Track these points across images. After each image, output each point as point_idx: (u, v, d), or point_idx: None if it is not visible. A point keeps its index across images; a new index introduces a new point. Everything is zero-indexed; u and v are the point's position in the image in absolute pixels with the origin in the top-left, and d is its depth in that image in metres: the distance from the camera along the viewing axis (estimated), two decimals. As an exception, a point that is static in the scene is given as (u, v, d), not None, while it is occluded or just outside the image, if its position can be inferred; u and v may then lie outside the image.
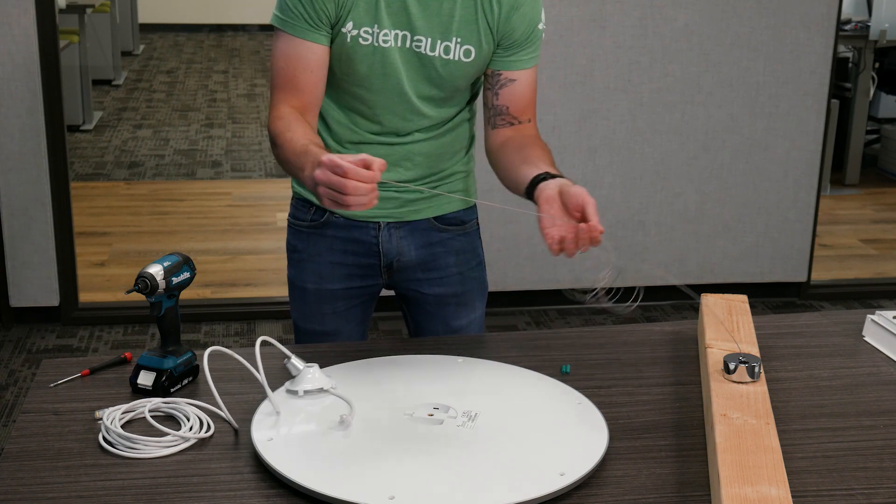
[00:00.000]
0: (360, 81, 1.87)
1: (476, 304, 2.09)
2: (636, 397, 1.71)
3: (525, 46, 1.88)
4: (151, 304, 1.69)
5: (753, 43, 4.08)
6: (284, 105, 1.83)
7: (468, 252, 2.07)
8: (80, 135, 6.92)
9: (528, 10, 1.86)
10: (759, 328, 1.91)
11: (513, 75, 1.90)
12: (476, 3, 1.83)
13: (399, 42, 1.83)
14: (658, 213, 4.22)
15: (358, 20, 1.81)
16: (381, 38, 1.83)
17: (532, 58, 1.91)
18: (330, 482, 1.39)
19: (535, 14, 1.87)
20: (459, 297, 2.06)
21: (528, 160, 1.82)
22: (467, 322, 2.07)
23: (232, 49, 10.63)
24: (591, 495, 1.42)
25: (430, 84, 1.88)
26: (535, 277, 4.21)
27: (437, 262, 2.04)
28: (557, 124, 4.04)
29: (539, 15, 1.88)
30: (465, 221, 2.06)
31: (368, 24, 1.81)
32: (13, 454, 1.50)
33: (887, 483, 1.47)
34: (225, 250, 4.88)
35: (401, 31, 1.82)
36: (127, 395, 1.68)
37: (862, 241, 5.22)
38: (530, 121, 1.94)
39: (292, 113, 1.81)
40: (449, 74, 1.87)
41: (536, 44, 1.90)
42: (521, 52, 1.88)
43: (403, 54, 1.85)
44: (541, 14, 1.88)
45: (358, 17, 1.81)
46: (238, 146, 6.87)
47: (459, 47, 1.84)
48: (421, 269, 2.04)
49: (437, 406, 1.61)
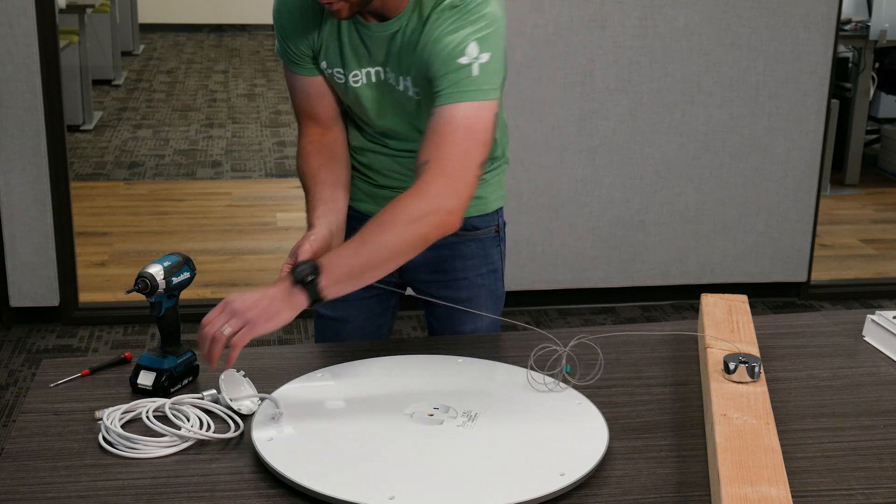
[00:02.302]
0: (353, 108, 1.94)
1: (484, 311, 2.07)
2: (636, 397, 1.71)
3: (441, 79, 1.71)
4: (151, 304, 1.69)
5: (753, 43, 4.08)
6: (305, 136, 1.94)
7: (478, 258, 2.05)
8: (80, 135, 6.92)
9: (447, 45, 1.70)
10: (759, 328, 1.91)
11: (433, 109, 1.72)
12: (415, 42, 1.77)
13: (373, 78, 1.85)
14: (658, 213, 4.22)
15: (329, 61, 1.86)
16: (351, 79, 1.86)
17: (449, 93, 1.70)
18: (330, 482, 1.39)
19: (453, 48, 1.70)
20: (465, 303, 2.04)
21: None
22: (472, 329, 2.05)
23: (232, 49, 10.63)
24: (591, 495, 1.42)
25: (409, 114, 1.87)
26: (535, 277, 4.21)
27: (444, 265, 2.04)
28: (557, 124, 4.04)
29: (462, 48, 1.69)
30: (479, 228, 2.04)
31: (339, 65, 1.85)
32: (13, 454, 1.50)
33: (887, 483, 1.47)
34: (225, 250, 4.88)
35: (372, 67, 1.84)
36: (127, 395, 1.68)
37: (862, 241, 5.22)
38: (426, 163, 1.68)
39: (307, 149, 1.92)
40: (418, 108, 1.85)
41: (454, 78, 1.70)
42: (438, 84, 1.71)
43: (378, 89, 1.86)
44: (467, 49, 1.69)
45: (329, 58, 1.86)
46: (238, 146, 6.87)
47: (411, 87, 1.82)
48: (428, 270, 2.04)
49: (437, 406, 1.61)
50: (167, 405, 1.59)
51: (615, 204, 4.18)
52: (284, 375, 1.70)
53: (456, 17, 1.72)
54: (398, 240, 1.65)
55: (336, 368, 1.74)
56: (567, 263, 4.20)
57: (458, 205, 1.68)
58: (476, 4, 1.72)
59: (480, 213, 2.03)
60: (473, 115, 1.70)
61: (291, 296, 1.60)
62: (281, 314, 1.59)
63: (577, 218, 4.16)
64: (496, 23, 1.73)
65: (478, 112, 1.70)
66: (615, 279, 4.27)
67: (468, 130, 1.69)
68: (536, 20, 3.92)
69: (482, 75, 1.70)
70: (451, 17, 1.72)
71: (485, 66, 1.70)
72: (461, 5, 1.72)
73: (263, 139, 7.04)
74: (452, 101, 1.69)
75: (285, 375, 1.70)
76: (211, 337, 1.57)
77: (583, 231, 4.18)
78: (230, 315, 1.58)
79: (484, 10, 1.72)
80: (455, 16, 1.72)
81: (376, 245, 1.64)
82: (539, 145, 4.05)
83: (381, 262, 1.66)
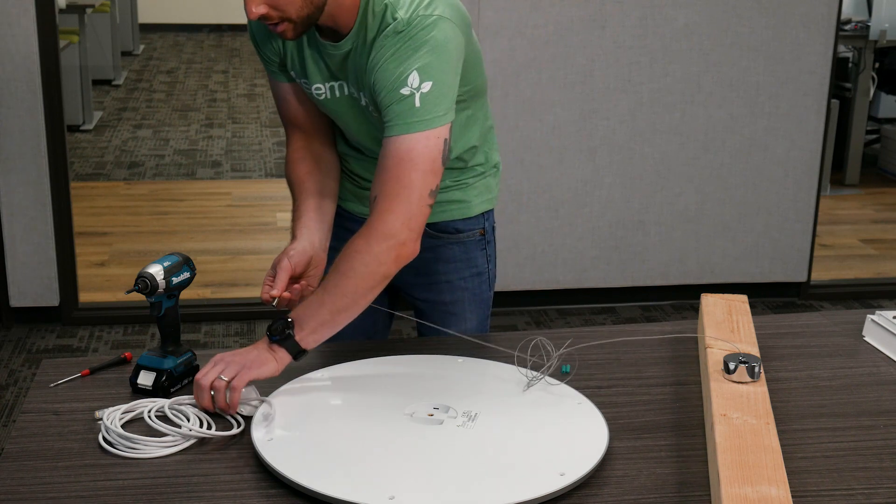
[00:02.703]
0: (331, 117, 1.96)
1: (467, 314, 2.07)
2: (636, 397, 1.71)
3: (385, 111, 1.70)
4: (151, 304, 1.69)
5: (753, 43, 4.08)
6: (292, 144, 1.97)
7: (461, 261, 2.05)
8: (80, 135, 6.92)
9: (387, 74, 1.69)
10: (759, 328, 1.91)
11: (383, 139, 1.73)
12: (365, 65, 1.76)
13: (336, 92, 1.85)
14: (658, 213, 4.22)
15: (296, 72, 1.88)
16: (314, 91, 1.87)
17: (392, 125, 1.69)
18: (330, 482, 1.39)
19: (394, 78, 1.69)
20: (448, 306, 2.05)
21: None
22: (457, 332, 2.06)
23: (232, 49, 10.62)
24: (591, 495, 1.42)
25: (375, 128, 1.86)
26: (535, 277, 4.21)
27: (427, 268, 2.03)
28: (557, 124, 4.04)
29: (403, 80, 1.68)
30: (462, 231, 2.03)
31: (304, 77, 1.87)
32: (13, 454, 1.50)
33: (887, 483, 1.47)
34: (225, 250, 4.88)
35: (335, 82, 1.84)
36: (127, 395, 1.68)
37: (862, 241, 5.22)
38: (375, 199, 1.70)
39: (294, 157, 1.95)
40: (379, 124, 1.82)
41: (396, 109, 1.69)
42: (384, 115, 1.71)
43: (342, 103, 1.87)
44: (408, 78, 1.68)
45: (295, 69, 1.88)
46: (238, 146, 6.87)
47: (370, 105, 1.82)
48: (411, 273, 2.04)
49: (437, 406, 1.62)
50: (167, 405, 1.59)
51: (615, 204, 4.18)
52: (284, 376, 1.70)
53: (398, 45, 1.70)
54: (360, 283, 1.68)
55: (335, 369, 1.74)
56: (567, 263, 4.20)
57: (410, 235, 1.70)
58: (420, 30, 1.69)
59: (464, 217, 2.02)
60: (418, 146, 1.69)
61: (273, 351, 1.66)
62: (268, 364, 1.64)
63: (577, 218, 4.16)
64: (441, 48, 1.70)
65: (423, 143, 1.70)
66: (615, 279, 4.27)
67: (412, 163, 1.69)
68: (536, 20, 3.92)
69: (423, 106, 1.69)
70: (394, 44, 1.70)
71: (426, 95, 1.68)
72: (405, 31, 1.70)
73: (263, 139, 7.04)
74: (397, 134, 1.70)
75: (285, 376, 1.70)
76: (209, 386, 1.60)
77: (583, 231, 4.18)
78: (223, 366, 1.61)
79: (427, 36, 1.69)
80: (398, 43, 1.70)
81: (340, 292, 1.68)
82: (539, 145, 4.05)
83: (348, 306, 1.69)
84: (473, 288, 2.07)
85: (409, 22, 1.69)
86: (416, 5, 1.71)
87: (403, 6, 1.71)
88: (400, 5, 1.71)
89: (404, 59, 1.69)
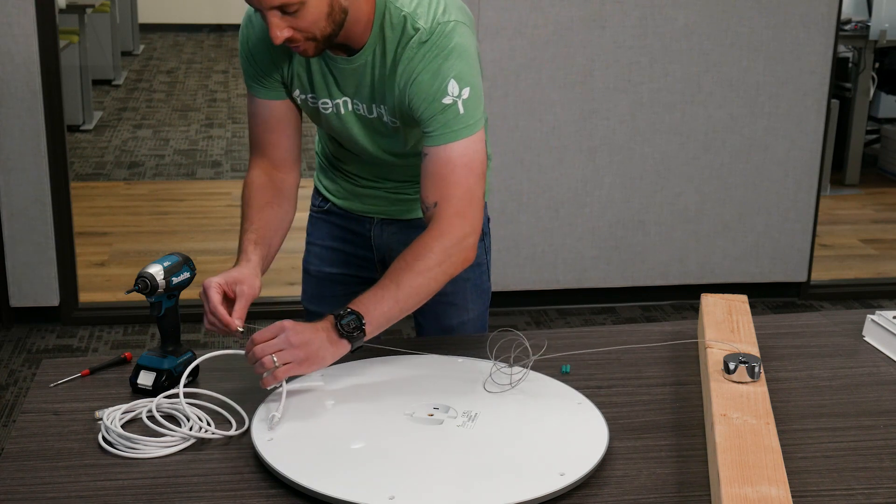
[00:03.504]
0: (327, 131, 1.96)
1: (469, 305, 2.09)
2: (636, 397, 1.71)
3: (429, 121, 1.74)
4: (151, 304, 1.69)
5: (753, 43, 4.08)
6: (255, 168, 1.93)
7: None
8: (80, 135, 6.92)
9: (424, 87, 1.73)
10: (759, 328, 1.91)
11: (425, 149, 1.77)
12: (385, 77, 1.78)
13: (341, 109, 1.85)
14: (658, 213, 4.22)
15: (302, 89, 1.86)
16: (321, 105, 1.86)
17: (440, 134, 1.74)
18: (330, 482, 1.39)
19: (433, 89, 1.72)
20: (449, 297, 2.05)
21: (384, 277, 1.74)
22: (459, 323, 2.07)
23: (232, 49, 10.62)
24: (591, 495, 1.42)
25: (383, 137, 1.89)
26: (535, 277, 4.21)
27: None
28: (557, 124, 4.04)
29: (442, 89, 1.72)
30: None
31: (310, 91, 1.86)
32: (13, 454, 1.50)
33: (887, 483, 1.47)
34: (225, 250, 4.88)
35: (339, 98, 1.84)
36: (127, 395, 1.68)
37: (862, 241, 5.22)
38: (436, 205, 1.75)
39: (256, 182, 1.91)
40: (395, 133, 1.87)
41: (442, 119, 1.73)
42: (426, 126, 1.75)
43: (348, 119, 1.87)
44: (447, 87, 1.72)
45: (301, 86, 1.86)
46: (238, 146, 6.87)
47: (387, 116, 1.83)
48: None
49: (437, 406, 1.62)
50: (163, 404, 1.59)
51: (615, 204, 4.18)
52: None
53: (428, 55, 1.72)
54: (431, 283, 1.73)
55: (335, 369, 1.74)
56: (567, 263, 4.20)
57: (475, 240, 1.77)
58: (442, 38, 1.72)
59: None
60: (468, 151, 1.75)
61: (337, 345, 1.64)
62: (325, 361, 1.64)
63: (576, 218, 4.16)
64: (466, 52, 1.74)
65: (471, 147, 1.76)
66: (615, 279, 4.27)
67: (466, 168, 1.75)
68: (536, 20, 3.92)
69: (467, 111, 1.74)
70: (423, 54, 1.72)
71: (467, 101, 1.74)
72: (429, 40, 1.72)
73: (263, 139, 7.04)
74: (446, 142, 1.74)
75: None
76: (260, 359, 1.59)
77: (583, 231, 4.18)
78: (284, 345, 1.59)
79: (452, 43, 1.72)
80: (427, 53, 1.72)
81: (414, 291, 1.71)
82: (539, 145, 4.05)
83: (414, 305, 1.73)
84: (474, 278, 2.08)
85: (431, 31, 1.72)
86: (434, 13, 1.74)
87: (422, 16, 1.73)
88: (418, 15, 1.73)
89: (438, 69, 1.72)
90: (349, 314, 1.65)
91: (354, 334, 1.64)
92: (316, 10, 1.65)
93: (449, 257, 1.73)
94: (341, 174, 2.04)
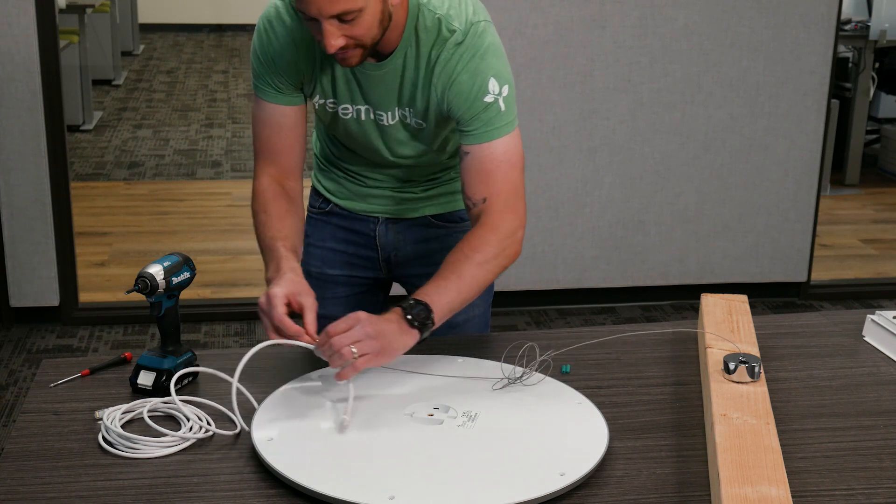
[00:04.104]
0: (343, 137, 1.95)
1: (475, 301, 2.09)
2: (636, 397, 1.71)
3: (470, 121, 1.77)
4: (151, 304, 1.69)
5: (753, 43, 4.08)
6: (265, 176, 1.90)
7: None
8: (80, 135, 6.92)
9: (465, 87, 1.75)
10: (759, 328, 1.91)
11: (466, 148, 1.80)
12: (418, 80, 1.79)
13: (363, 115, 1.86)
14: (658, 213, 4.22)
15: (322, 93, 1.86)
16: (340, 110, 1.86)
17: (484, 132, 1.78)
18: (330, 482, 1.39)
19: (474, 90, 1.75)
20: None
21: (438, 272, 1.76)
22: (464, 319, 2.07)
23: (232, 49, 10.62)
24: (591, 495, 1.42)
25: (401, 144, 1.90)
26: (535, 277, 4.21)
27: (433, 258, 2.06)
28: (557, 124, 4.04)
29: (483, 89, 1.75)
30: (465, 219, 2.07)
31: (332, 96, 1.86)
32: (13, 454, 1.50)
33: (887, 483, 1.47)
34: (225, 250, 4.88)
35: (361, 105, 1.85)
36: (127, 395, 1.68)
37: (862, 241, 5.22)
38: (485, 201, 1.79)
39: (270, 189, 1.89)
40: (414, 137, 1.89)
41: (485, 118, 1.77)
42: (467, 125, 1.78)
43: (369, 124, 1.88)
44: (488, 86, 1.76)
45: (321, 91, 1.85)
46: (238, 146, 6.86)
47: (412, 118, 1.85)
48: (418, 264, 2.07)
49: (437, 406, 1.62)
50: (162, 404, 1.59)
51: (615, 204, 4.18)
52: (284, 376, 1.70)
53: (465, 56, 1.75)
54: (489, 275, 1.77)
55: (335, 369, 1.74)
56: (567, 263, 4.20)
57: (523, 234, 1.83)
58: (476, 38, 1.76)
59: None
60: (510, 147, 1.80)
61: (408, 335, 1.66)
62: (397, 352, 1.65)
63: (576, 218, 4.16)
64: (500, 50, 1.79)
65: (513, 143, 1.81)
66: (615, 279, 4.27)
67: (510, 164, 1.80)
68: (536, 20, 3.92)
69: (507, 108, 1.79)
70: (459, 55, 1.75)
71: (507, 98, 1.78)
72: (465, 41, 1.75)
73: (263, 139, 7.03)
74: (489, 140, 1.78)
75: (285, 376, 1.70)
76: (339, 350, 1.58)
77: (583, 231, 4.18)
78: (362, 336, 1.59)
79: (486, 42, 1.76)
80: (464, 53, 1.75)
81: (473, 281, 1.75)
82: (539, 145, 4.05)
83: (474, 295, 1.77)
84: None
85: (465, 32, 1.75)
86: (466, 14, 1.76)
87: (456, 17, 1.75)
88: (451, 17, 1.75)
89: (477, 69, 1.75)
90: (417, 304, 1.67)
91: (426, 324, 1.66)
92: (371, 17, 1.65)
93: (503, 250, 1.78)
94: (344, 175, 2.04)
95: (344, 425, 1.54)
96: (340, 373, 1.59)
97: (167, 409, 1.61)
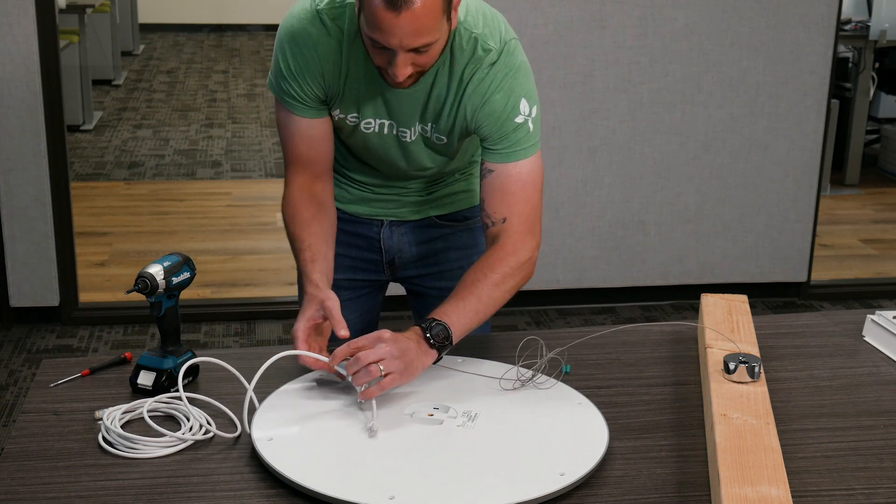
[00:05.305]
0: (359, 148, 1.94)
1: None
2: (636, 397, 1.72)
3: (499, 140, 1.79)
4: (151, 304, 1.69)
5: (753, 43, 4.08)
6: (294, 183, 1.89)
7: (470, 247, 2.09)
8: (80, 135, 6.92)
9: (497, 107, 1.76)
10: (759, 328, 1.91)
11: (490, 165, 1.81)
12: (447, 97, 1.79)
13: (385, 130, 1.85)
14: (658, 213, 4.22)
15: (344, 108, 1.84)
16: (363, 125, 1.86)
17: (511, 152, 1.79)
18: (330, 482, 1.39)
19: (506, 109, 1.77)
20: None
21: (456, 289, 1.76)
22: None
23: (232, 49, 10.62)
24: (591, 495, 1.42)
25: (420, 157, 1.90)
26: (535, 277, 4.19)
27: (438, 257, 2.07)
28: (557, 124, 4.04)
29: (515, 109, 1.77)
30: (469, 218, 2.08)
31: (354, 111, 1.84)
32: (13, 454, 1.50)
33: (887, 483, 1.47)
34: (225, 250, 4.88)
35: (385, 119, 1.84)
36: (127, 395, 1.68)
37: (862, 241, 5.22)
38: (505, 221, 1.80)
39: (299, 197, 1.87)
40: (434, 150, 1.89)
41: (514, 138, 1.78)
42: (495, 143, 1.79)
43: (390, 139, 1.87)
44: (519, 107, 1.77)
45: (344, 105, 1.84)
46: (238, 146, 6.87)
47: (433, 133, 1.84)
48: (422, 264, 2.08)
49: (437, 406, 1.62)
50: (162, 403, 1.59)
51: (615, 204, 4.18)
52: (284, 376, 1.70)
53: (499, 75, 1.76)
54: (505, 295, 1.78)
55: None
56: (567, 263, 4.20)
57: (537, 255, 1.84)
58: (509, 56, 1.77)
59: (470, 205, 2.08)
60: (534, 168, 1.82)
61: (427, 355, 1.66)
62: (417, 371, 1.65)
63: (576, 218, 4.16)
64: (527, 69, 1.81)
65: (536, 164, 1.82)
66: (615, 279, 4.27)
67: (534, 185, 1.82)
68: (536, 20, 3.92)
69: (535, 129, 1.80)
70: (493, 74, 1.76)
71: (535, 119, 1.80)
72: (498, 61, 1.76)
73: (263, 139, 7.04)
74: (516, 160, 1.79)
75: (285, 376, 1.70)
76: (365, 365, 1.58)
77: (583, 231, 4.18)
78: (387, 354, 1.59)
79: (517, 61, 1.78)
80: (497, 73, 1.76)
81: (490, 302, 1.76)
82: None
83: (488, 315, 1.77)
84: None
85: (500, 51, 1.76)
86: (500, 32, 1.77)
87: (490, 36, 1.76)
88: (487, 35, 1.76)
89: (511, 89, 1.77)
90: (437, 324, 1.67)
91: (444, 344, 1.67)
92: (441, 45, 1.67)
93: (520, 272, 1.79)
94: (348, 181, 2.04)
95: (373, 430, 1.54)
96: (366, 391, 1.58)
97: (167, 409, 1.61)
